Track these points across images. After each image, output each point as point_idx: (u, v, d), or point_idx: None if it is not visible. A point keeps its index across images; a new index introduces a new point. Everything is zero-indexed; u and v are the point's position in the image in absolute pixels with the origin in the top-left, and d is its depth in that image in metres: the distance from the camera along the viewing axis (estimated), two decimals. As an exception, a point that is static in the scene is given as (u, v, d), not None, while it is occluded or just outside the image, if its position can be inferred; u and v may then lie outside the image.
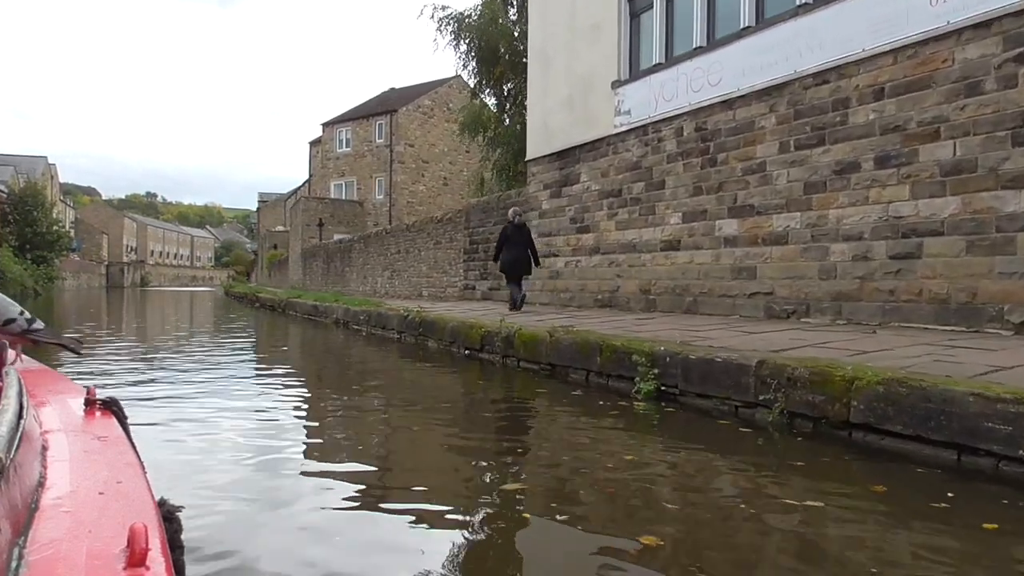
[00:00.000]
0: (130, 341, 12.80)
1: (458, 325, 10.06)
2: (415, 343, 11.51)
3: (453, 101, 38.95)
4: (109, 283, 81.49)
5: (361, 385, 7.76)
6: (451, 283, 17.75)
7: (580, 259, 12.45)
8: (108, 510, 1.02)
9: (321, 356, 11.13)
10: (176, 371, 8.17)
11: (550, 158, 13.41)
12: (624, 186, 11.34)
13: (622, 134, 11.40)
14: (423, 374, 8.68)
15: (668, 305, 10.35)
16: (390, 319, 12.98)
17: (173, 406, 5.86)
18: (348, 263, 27.13)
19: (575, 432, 5.09)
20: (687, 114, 10.07)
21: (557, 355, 7.62)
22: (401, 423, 5.52)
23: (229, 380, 7.81)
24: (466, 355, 9.63)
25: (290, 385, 7.81)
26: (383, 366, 9.57)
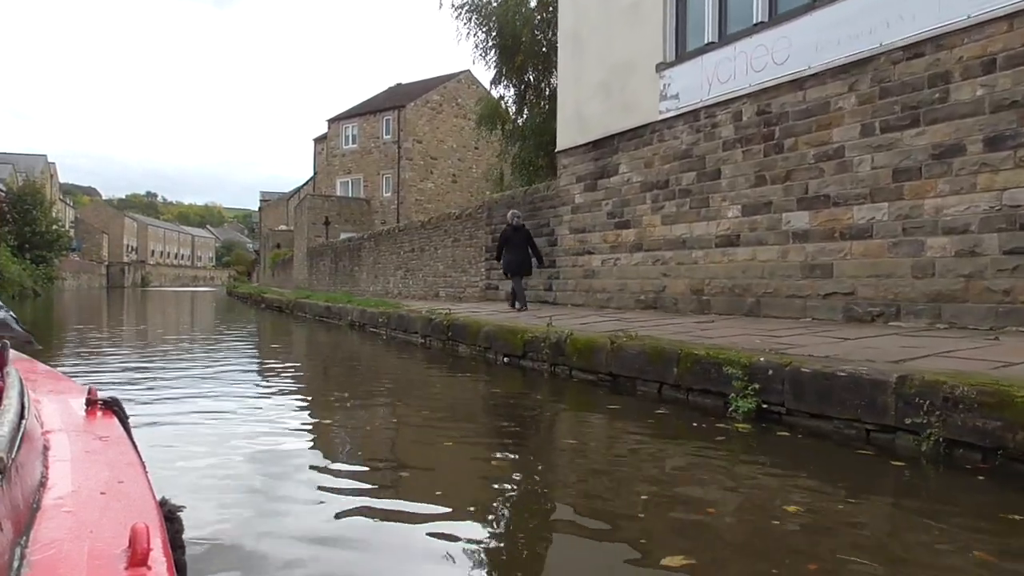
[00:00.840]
0: (131, 347, 11.90)
1: (495, 329, 9.15)
2: (443, 348, 10.63)
3: (462, 96, 38.06)
4: (109, 283, 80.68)
5: (391, 397, 6.86)
6: (471, 283, 16.84)
7: (619, 257, 11.54)
8: (109, 510, 1.03)
9: (340, 363, 10.22)
10: (180, 383, 7.25)
11: (584, 148, 12.50)
12: (671, 177, 10.42)
13: (669, 120, 10.49)
14: (458, 385, 7.77)
15: (725, 307, 9.44)
16: (413, 322, 12.07)
17: (177, 424, 4.97)
18: (358, 262, 26.22)
19: (674, 464, 4.17)
20: (747, 96, 9.15)
21: (620, 364, 6.72)
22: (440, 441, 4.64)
23: (238, 388, 6.92)
24: (504, 362, 8.75)
25: (309, 397, 6.92)
26: (412, 375, 8.66)
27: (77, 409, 1.62)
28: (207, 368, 8.78)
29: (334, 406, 6.41)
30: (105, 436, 1.44)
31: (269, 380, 8.09)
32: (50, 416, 1.51)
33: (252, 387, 7.33)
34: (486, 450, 4.51)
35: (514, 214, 12.38)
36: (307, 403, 6.69)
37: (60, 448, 1.29)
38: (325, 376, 8.68)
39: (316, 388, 7.69)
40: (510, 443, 4.77)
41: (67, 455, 1.26)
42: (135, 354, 10.53)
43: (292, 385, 7.76)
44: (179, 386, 6.96)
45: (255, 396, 6.76)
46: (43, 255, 51.02)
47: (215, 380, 7.63)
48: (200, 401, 6.15)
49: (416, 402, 6.52)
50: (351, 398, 6.80)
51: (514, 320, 9.87)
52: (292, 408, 6.27)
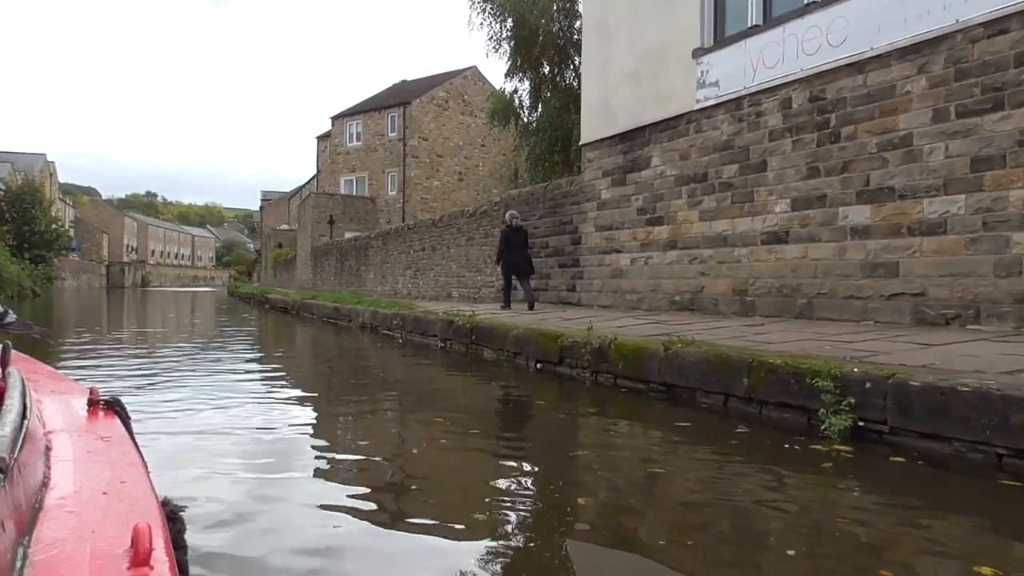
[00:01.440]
0: (133, 351, 11.24)
1: (526, 333, 8.50)
2: (465, 352, 9.98)
3: (468, 93, 37.43)
4: (109, 283, 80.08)
5: (414, 407, 6.20)
6: (486, 283, 16.18)
7: (651, 255, 10.89)
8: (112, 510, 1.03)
9: (355, 368, 9.56)
10: (183, 393, 6.59)
11: (611, 141, 11.84)
12: (710, 170, 9.77)
13: (707, 109, 9.83)
14: (488, 394, 7.11)
15: (771, 308, 8.78)
16: (431, 324, 11.42)
17: (178, 435, 4.32)
18: (364, 262, 25.56)
19: (792, 498, 3.50)
20: (798, 82, 8.49)
21: (677, 373, 6.07)
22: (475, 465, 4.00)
23: (245, 395, 6.27)
24: (537, 369, 8.11)
25: (322, 406, 6.26)
26: (436, 384, 8.01)
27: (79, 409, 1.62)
28: (211, 375, 8.12)
29: (351, 417, 5.77)
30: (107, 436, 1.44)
31: (279, 388, 7.44)
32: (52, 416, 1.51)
33: (261, 394, 6.67)
34: (542, 476, 3.86)
35: (512, 215, 12.56)
36: (320, 414, 6.04)
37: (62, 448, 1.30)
38: (340, 382, 8.02)
39: (330, 396, 7.03)
40: (572, 468, 4.11)
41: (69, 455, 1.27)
42: (136, 359, 9.88)
43: (304, 393, 7.11)
44: (181, 396, 6.30)
45: (263, 403, 6.11)
46: (42, 255, 50.37)
47: (220, 387, 6.97)
48: (204, 414, 5.51)
49: (445, 414, 5.86)
50: (370, 410, 6.16)
51: (544, 322, 9.22)
52: (304, 420, 5.63)
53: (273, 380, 8.00)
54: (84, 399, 1.66)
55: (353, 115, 37.99)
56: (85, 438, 1.41)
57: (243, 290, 43.77)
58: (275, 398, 6.59)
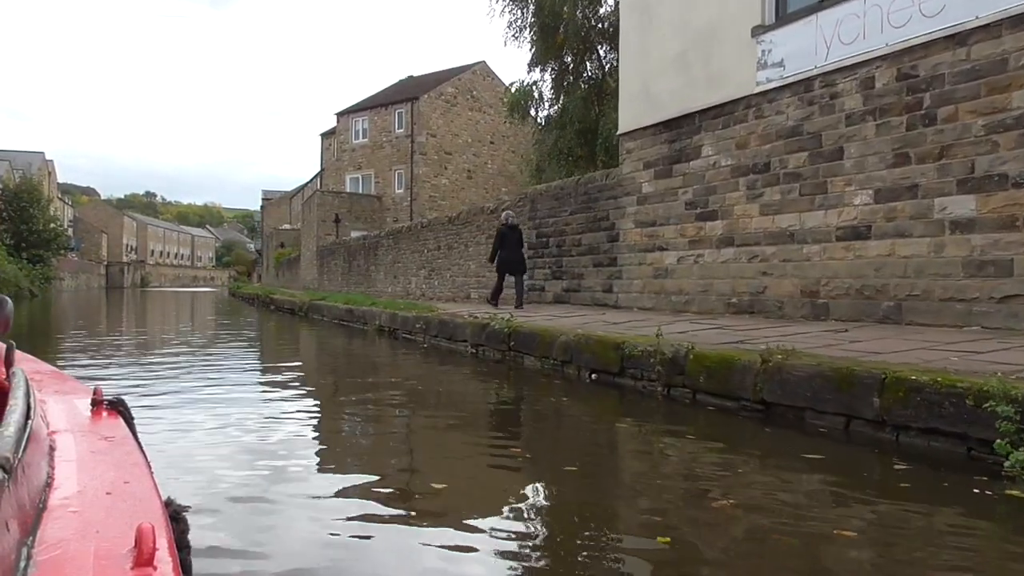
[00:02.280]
0: (133, 357, 10.35)
1: (578, 339, 7.60)
2: (502, 360, 9.10)
3: (477, 89, 36.55)
4: (109, 283, 79.16)
5: (457, 429, 5.31)
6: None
7: (702, 253, 9.99)
8: (115, 510, 1.02)
9: (381, 380, 8.65)
10: (189, 410, 5.68)
11: (654, 130, 10.94)
12: (774, 159, 8.87)
13: (770, 93, 8.94)
14: (549, 414, 6.18)
15: (849, 311, 7.89)
16: (460, 328, 10.53)
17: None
18: (374, 261, 24.65)
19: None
20: (882, 59, 7.59)
21: (779, 390, 5.19)
22: (564, 516, 3.08)
23: (257, 410, 5.38)
24: (591, 380, 7.24)
25: (348, 428, 5.35)
26: (479, 398, 7.10)
27: (83, 409, 1.62)
28: (220, 387, 7.21)
29: (379, 439, 4.88)
30: (110, 436, 1.44)
31: (298, 403, 6.55)
32: (56, 416, 1.51)
33: (279, 417, 5.76)
34: (638, 528, 2.95)
35: (508, 214, 12.98)
36: (349, 439, 5.15)
37: (66, 448, 1.29)
38: (364, 397, 7.11)
39: (357, 415, 6.12)
40: (688, 524, 3.19)
41: (73, 455, 1.26)
42: (134, 368, 8.99)
43: (328, 412, 6.21)
44: (186, 419, 5.40)
45: (279, 421, 5.22)
46: (40, 254, 49.43)
47: (230, 400, 6.07)
48: (215, 435, 4.62)
49: (503, 441, 4.97)
50: (408, 435, 5.26)
51: (588, 326, 8.32)
52: (331, 451, 4.73)
53: (293, 398, 7.09)
54: (88, 399, 1.66)
55: (359, 111, 37.05)
56: (89, 438, 1.41)
57: (245, 290, 42.84)
58: (299, 421, 5.69)
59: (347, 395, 7.17)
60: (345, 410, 6.31)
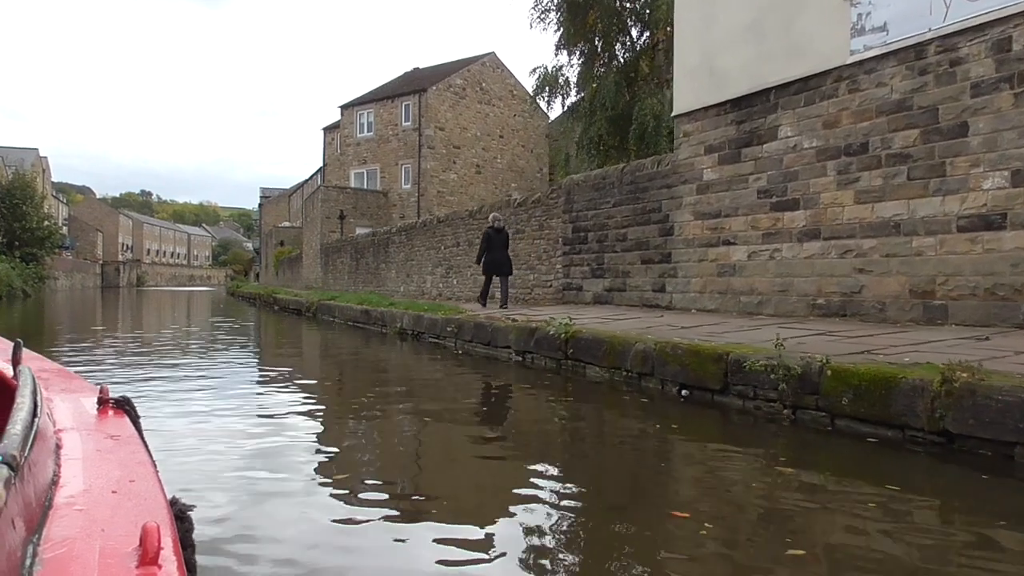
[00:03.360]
0: (129, 368, 9.13)
1: (660, 348, 6.44)
2: (556, 370, 7.94)
3: (487, 81, 35.36)
4: (104, 283, 77.76)
5: (538, 459, 4.13)
6: (541, 282, 14.10)
7: (779, 247, 8.83)
8: (121, 509, 1.03)
9: (426, 393, 7.45)
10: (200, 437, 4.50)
11: (718, 110, 9.77)
12: (873, 138, 7.71)
13: (867, 62, 7.77)
14: (655, 445, 5.01)
15: (975, 315, 6.73)
16: (501, 333, 9.36)
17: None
18: (384, 259, 23.43)
19: None
20: (1022, 16, 6.43)
21: (972, 419, 4.05)
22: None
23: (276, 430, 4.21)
24: (681, 396, 6.10)
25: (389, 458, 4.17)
26: (554, 420, 5.90)
27: (89, 408, 1.62)
28: (234, 407, 6.02)
29: (449, 476, 3.69)
30: (116, 435, 1.43)
31: (336, 431, 5.36)
32: (62, 415, 1.50)
33: (306, 439, 4.57)
34: None
35: (495, 217, 13.08)
36: (405, 481, 3.96)
37: (72, 447, 1.29)
38: (409, 419, 5.92)
39: (406, 446, 4.93)
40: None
41: (79, 454, 1.26)
42: (133, 382, 7.78)
43: (378, 440, 5.03)
44: (189, 442, 4.22)
45: (312, 454, 4.03)
46: (33, 253, 48.04)
47: (245, 435, 4.89)
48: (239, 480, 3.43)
49: (588, 481, 3.78)
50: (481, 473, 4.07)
51: (651, 331, 7.14)
52: (400, 500, 3.55)
53: (325, 423, 5.90)
54: (94, 398, 1.66)
55: (364, 104, 35.77)
56: (95, 437, 1.40)
57: (246, 290, 41.59)
58: (346, 462, 4.51)
59: (389, 416, 5.97)
60: (397, 444, 5.12)
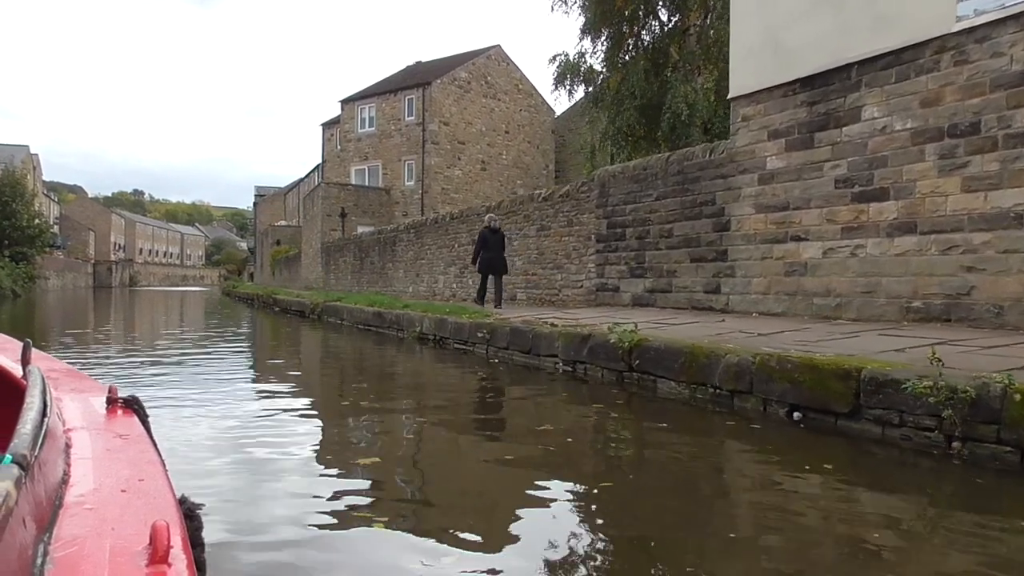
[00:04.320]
0: (122, 379, 8.04)
1: (761, 361, 5.42)
2: (618, 383, 6.92)
3: (492, 74, 34.32)
4: (96, 283, 76.43)
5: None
6: (570, 282, 13.06)
7: (863, 243, 7.81)
8: (130, 507, 1.03)
9: (474, 413, 6.39)
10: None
11: (785, 90, 8.75)
12: (986, 117, 6.70)
13: (980, 29, 6.76)
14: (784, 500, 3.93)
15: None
16: (544, 339, 8.34)
17: None
18: (392, 258, 22.34)
19: None
20: None
21: None
22: None
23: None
24: (791, 419, 5.06)
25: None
26: (625, 450, 4.83)
27: (98, 407, 1.62)
28: (246, 440, 4.96)
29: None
30: (125, 434, 1.43)
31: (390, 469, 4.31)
32: (72, 414, 1.51)
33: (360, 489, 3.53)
34: None
35: (491, 218, 13.27)
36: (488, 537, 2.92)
37: (82, 446, 1.29)
38: (448, 437, 4.87)
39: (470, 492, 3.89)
40: None
41: (88, 453, 1.26)
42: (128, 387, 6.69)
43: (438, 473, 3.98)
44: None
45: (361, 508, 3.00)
46: (23, 252, 46.76)
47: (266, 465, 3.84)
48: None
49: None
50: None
51: (722, 338, 6.10)
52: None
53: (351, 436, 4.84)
54: (103, 397, 1.66)
55: (365, 98, 34.63)
56: (104, 436, 1.40)
57: (243, 290, 40.44)
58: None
59: (450, 449, 4.91)
60: (478, 490, 4.07)
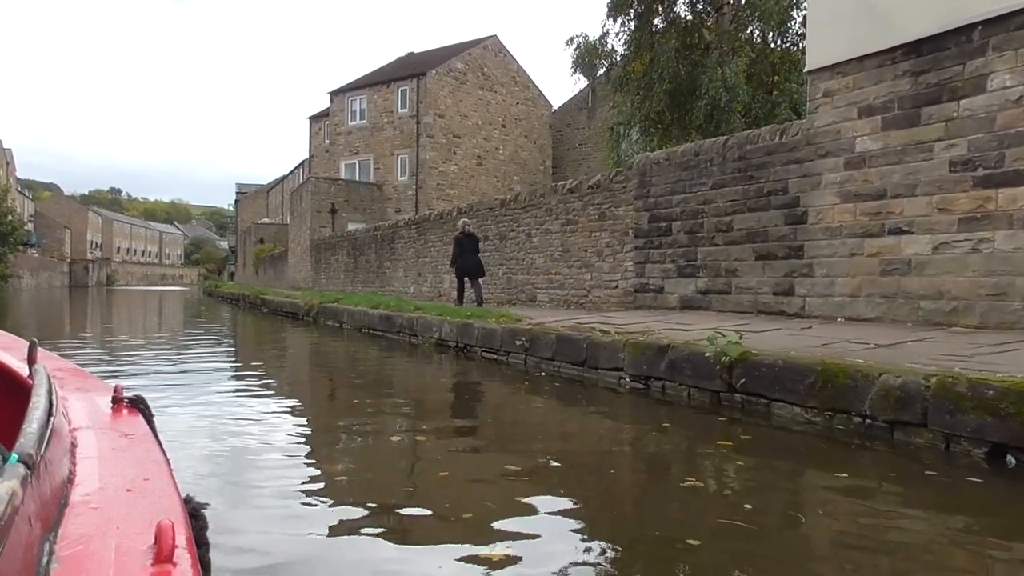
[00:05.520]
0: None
1: (937, 386, 4.16)
2: (714, 405, 5.67)
3: (488, 65, 33.01)
4: (72, 282, 74.19)
5: None
6: (602, 282, 11.77)
7: (989, 236, 6.60)
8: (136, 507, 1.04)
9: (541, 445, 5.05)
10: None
11: (883, 59, 7.51)
12: None
13: None
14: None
15: None
16: (605, 350, 7.07)
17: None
18: (390, 256, 20.95)
19: None
20: None
21: None
22: None
23: None
24: (991, 462, 3.83)
25: None
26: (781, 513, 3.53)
27: (103, 407, 1.61)
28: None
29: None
30: (131, 434, 1.44)
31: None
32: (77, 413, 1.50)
33: None
34: None
35: (465, 222, 13.71)
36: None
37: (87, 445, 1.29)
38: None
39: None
40: None
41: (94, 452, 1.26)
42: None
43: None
44: None
45: None
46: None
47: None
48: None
49: None
50: None
51: (834, 350, 4.85)
52: None
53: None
54: (108, 396, 1.65)
55: (356, 90, 33.12)
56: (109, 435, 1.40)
57: (226, 290, 38.80)
58: None
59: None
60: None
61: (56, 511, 0.96)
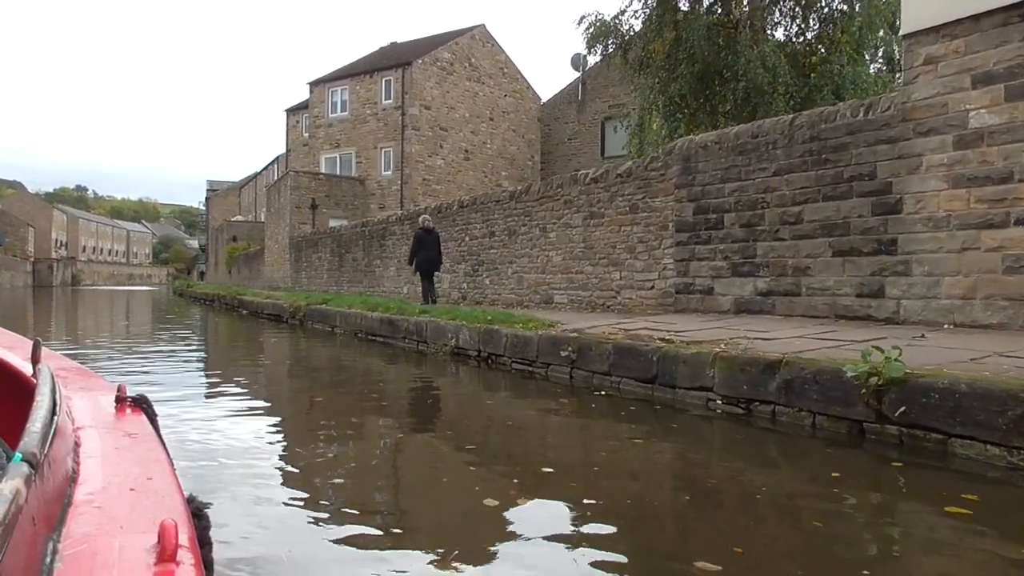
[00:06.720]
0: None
1: None
2: (847, 437, 4.43)
3: (476, 56, 31.65)
4: (36, 282, 71.54)
5: None
6: (635, 282, 10.50)
7: None
8: (139, 506, 1.02)
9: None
10: None
11: (1004, 17, 6.34)
12: None
13: None
14: None
15: None
16: (687, 365, 5.81)
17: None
18: (380, 253, 19.52)
19: None
20: None
21: None
22: None
23: None
24: None
25: None
26: None
27: (107, 406, 1.60)
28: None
29: None
30: (134, 433, 1.42)
31: None
32: (81, 413, 1.49)
33: None
34: None
35: (425, 219, 13.94)
36: None
37: (90, 444, 1.28)
38: None
39: None
40: None
41: (97, 451, 1.25)
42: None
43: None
44: None
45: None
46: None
47: None
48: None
49: None
50: None
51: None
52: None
53: None
54: (112, 396, 1.64)
55: (337, 80, 31.52)
56: (113, 435, 1.39)
57: (199, 290, 37.00)
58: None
59: None
60: None
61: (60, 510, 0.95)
